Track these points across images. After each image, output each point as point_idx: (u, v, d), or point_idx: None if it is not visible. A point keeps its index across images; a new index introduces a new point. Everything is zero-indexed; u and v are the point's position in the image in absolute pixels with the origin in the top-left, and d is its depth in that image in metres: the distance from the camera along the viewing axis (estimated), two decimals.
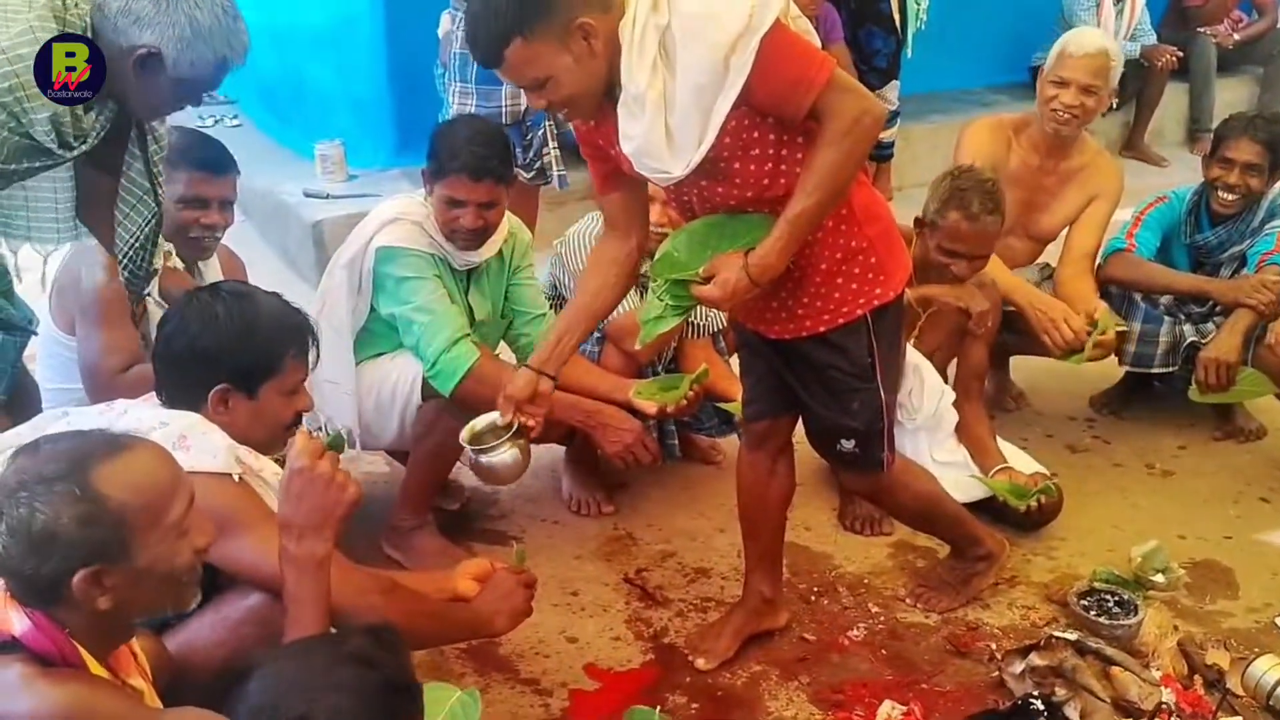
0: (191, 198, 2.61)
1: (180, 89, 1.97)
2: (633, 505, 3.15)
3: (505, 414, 2.21)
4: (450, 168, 2.59)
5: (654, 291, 2.10)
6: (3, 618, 1.45)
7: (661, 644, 2.60)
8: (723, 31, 1.83)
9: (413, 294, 2.64)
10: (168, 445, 1.77)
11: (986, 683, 2.43)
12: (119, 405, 1.93)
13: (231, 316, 1.93)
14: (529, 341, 2.92)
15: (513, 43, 1.85)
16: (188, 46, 1.88)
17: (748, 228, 2.02)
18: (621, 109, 1.91)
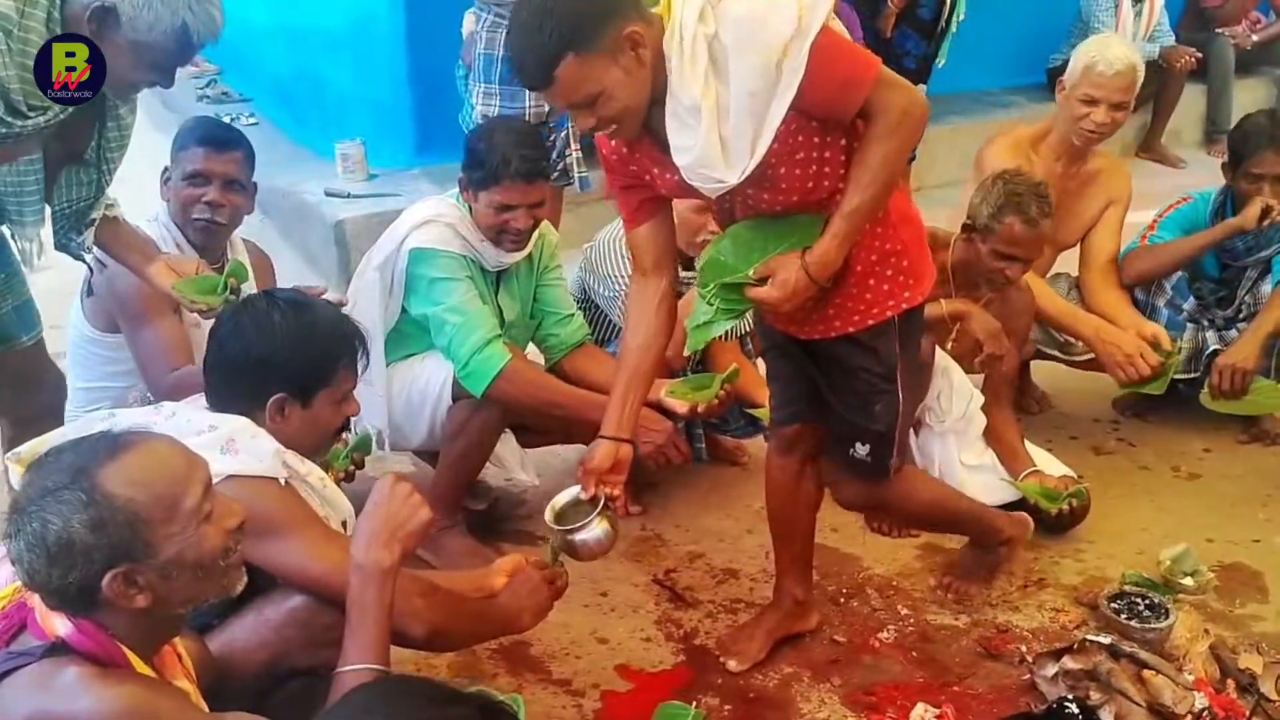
0: (193, 173, 2.61)
1: (140, 55, 1.92)
2: (660, 506, 3.16)
3: (587, 488, 2.14)
4: (503, 174, 2.61)
5: (703, 297, 2.07)
6: (45, 619, 1.45)
7: (692, 645, 2.61)
8: (774, 37, 1.82)
9: (445, 295, 2.65)
10: (215, 449, 1.79)
11: (1018, 685, 2.44)
12: (166, 408, 1.94)
13: (288, 325, 1.93)
14: (558, 342, 2.93)
15: (565, 61, 1.80)
16: (144, 6, 1.86)
17: (793, 228, 2.02)
18: (672, 121, 1.89)
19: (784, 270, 1.99)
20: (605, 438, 2.16)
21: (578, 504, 2.16)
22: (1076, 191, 3.35)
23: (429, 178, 5.07)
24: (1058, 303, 3.21)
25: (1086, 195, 3.35)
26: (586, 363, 2.91)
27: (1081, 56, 3.22)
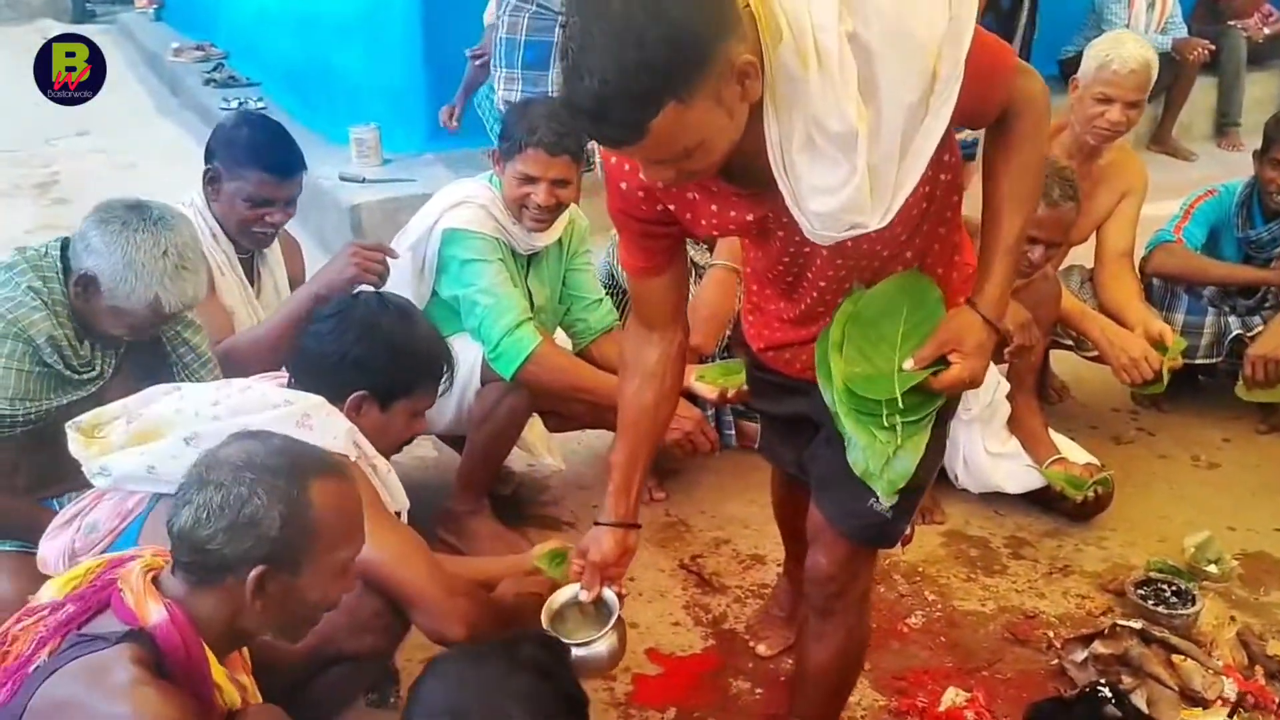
0: (260, 199, 2.62)
1: (119, 317, 2.08)
2: (684, 492, 3.17)
3: (591, 587, 1.88)
4: (527, 142, 2.60)
5: (864, 425, 1.67)
6: (140, 603, 1.46)
7: (721, 630, 2.62)
8: (926, 32, 1.45)
9: (477, 276, 2.65)
10: (290, 423, 1.82)
11: (1047, 670, 2.45)
12: (237, 382, 1.96)
13: (393, 332, 2.01)
14: (585, 327, 2.94)
15: (665, 110, 1.36)
16: (121, 280, 2.02)
17: (905, 293, 1.68)
18: (803, 156, 1.47)
19: (964, 335, 1.64)
20: (610, 525, 1.88)
21: (578, 605, 1.92)
22: (1090, 190, 3.34)
23: (443, 163, 5.07)
24: (1068, 298, 3.22)
25: (1100, 190, 3.33)
26: (614, 349, 2.88)
27: (1095, 55, 3.19)
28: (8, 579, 2.10)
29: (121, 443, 1.91)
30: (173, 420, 1.90)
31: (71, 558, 1.89)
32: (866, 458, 1.66)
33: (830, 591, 1.89)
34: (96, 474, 1.91)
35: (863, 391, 1.66)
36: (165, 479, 1.85)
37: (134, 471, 1.86)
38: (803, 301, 1.79)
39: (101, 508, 1.92)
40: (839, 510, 1.84)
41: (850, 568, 1.89)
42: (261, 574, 1.46)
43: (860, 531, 1.84)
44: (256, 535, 1.45)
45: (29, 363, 2.05)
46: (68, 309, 2.09)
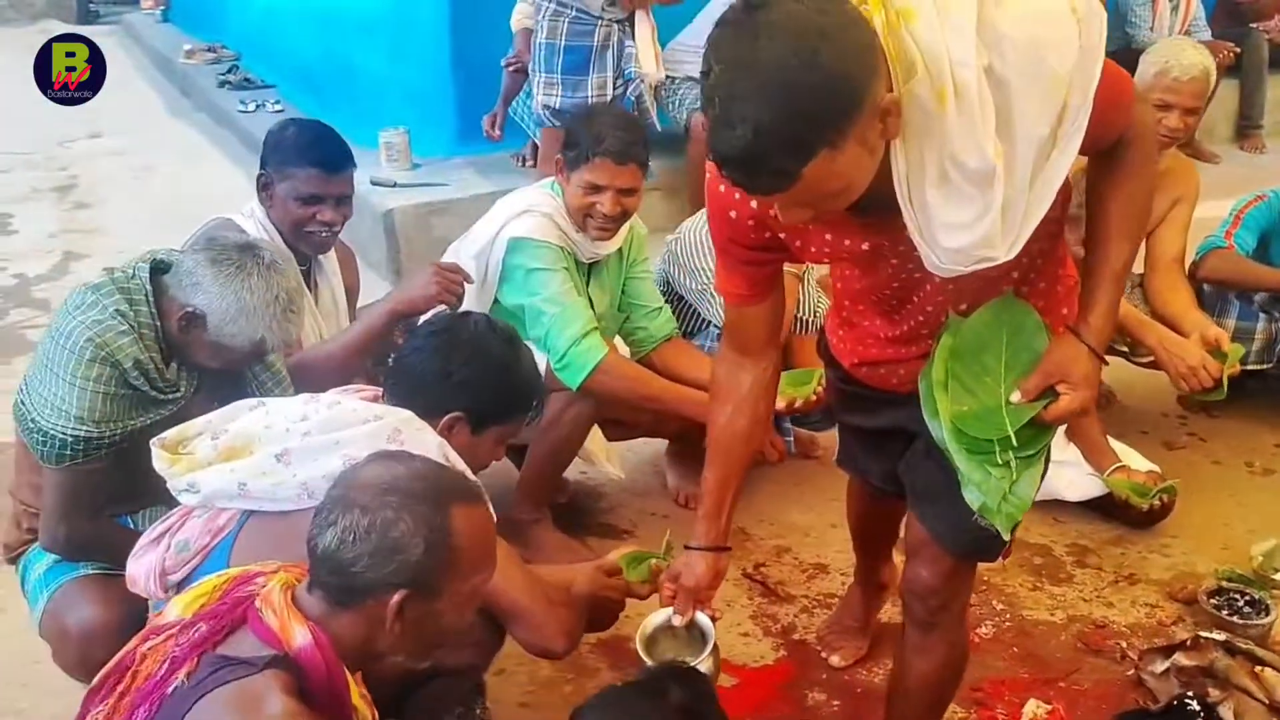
0: (308, 196, 2.59)
1: (218, 353, 2.09)
2: (744, 500, 3.04)
3: (684, 612, 1.89)
4: (594, 152, 2.58)
5: (978, 463, 1.64)
6: (285, 626, 1.43)
7: (791, 640, 2.60)
8: (1058, 63, 1.42)
9: (542, 285, 2.63)
10: (381, 439, 1.80)
11: (1124, 681, 2.44)
12: (325, 397, 1.92)
13: (501, 357, 1.99)
14: (646, 335, 2.92)
15: (817, 158, 1.33)
16: (230, 319, 2.03)
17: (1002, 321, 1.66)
18: (936, 192, 1.44)
19: (1071, 366, 1.62)
20: (703, 549, 1.89)
21: (670, 629, 1.91)
22: None
23: (474, 167, 5.05)
24: (1124, 305, 3.20)
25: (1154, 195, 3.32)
26: (675, 356, 2.90)
27: (1154, 61, 3.16)
28: (98, 606, 2.07)
29: (209, 459, 1.88)
30: (262, 436, 1.87)
31: (162, 576, 1.86)
32: (983, 494, 1.65)
33: (933, 605, 1.88)
34: (183, 490, 1.88)
35: (973, 431, 1.65)
36: (256, 496, 1.82)
37: (224, 489, 1.84)
38: (905, 323, 1.78)
39: (191, 525, 1.89)
40: (943, 524, 1.82)
41: (954, 581, 1.88)
42: (403, 599, 1.44)
43: (965, 545, 1.82)
44: (400, 560, 1.43)
45: (115, 386, 2.02)
46: (155, 332, 2.06)
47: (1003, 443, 1.63)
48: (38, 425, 2.03)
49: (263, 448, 1.85)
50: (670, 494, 3.16)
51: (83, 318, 2.04)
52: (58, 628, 2.11)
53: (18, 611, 2.55)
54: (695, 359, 2.89)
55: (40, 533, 2.12)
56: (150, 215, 5.43)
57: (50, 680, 2.41)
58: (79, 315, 2.05)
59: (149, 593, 1.88)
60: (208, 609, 1.48)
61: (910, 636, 1.93)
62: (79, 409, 2.01)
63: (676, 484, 3.15)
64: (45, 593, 2.13)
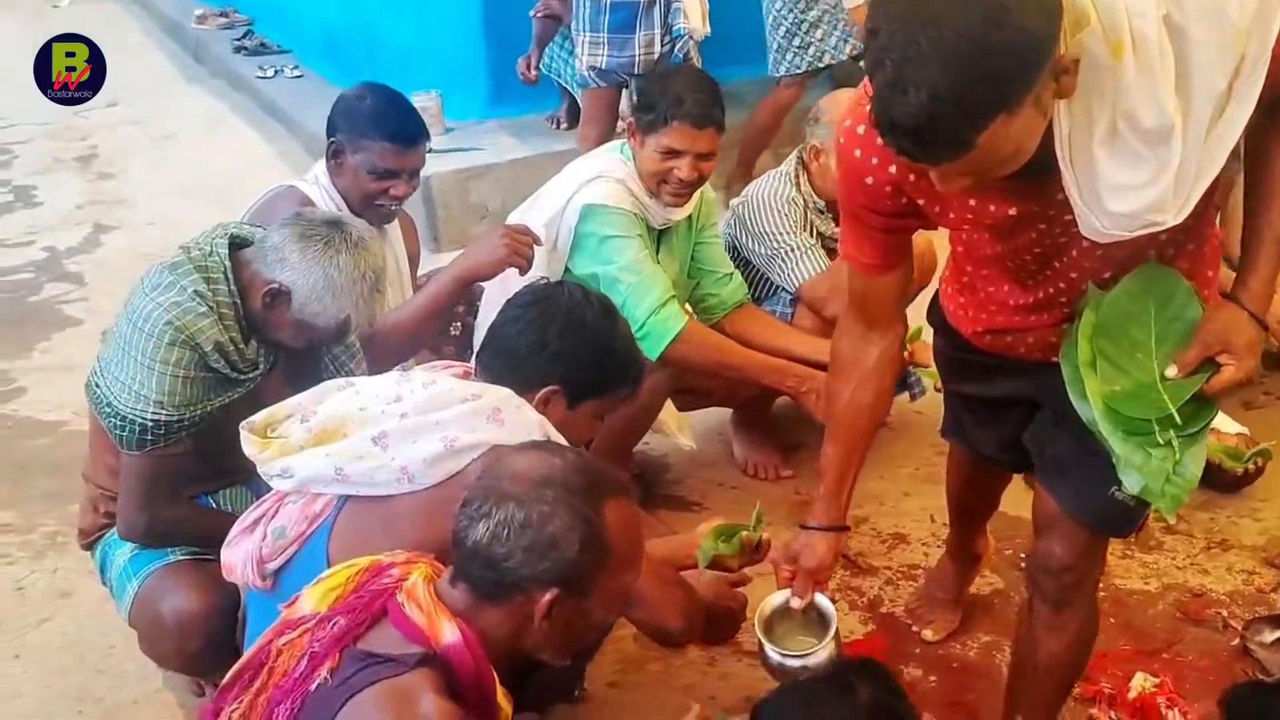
0: (383, 171, 2.51)
1: (300, 331, 2.02)
2: (811, 469, 3.02)
3: (804, 593, 1.84)
4: (673, 115, 2.49)
5: (1136, 445, 1.56)
6: (433, 622, 1.36)
7: (879, 613, 2.54)
8: (1240, 9, 1.33)
9: (618, 253, 2.54)
10: (481, 418, 1.73)
11: (1229, 652, 2.37)
12: (418, 376, 1.84)
13: (598, 329, 1.91)
14: (717, 302, 2.83)
15: (995, 124, 1.24)
16: (316, 297, 1.97)
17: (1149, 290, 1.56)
18: (1105, 149, 1.35)
19: (1232, 335, 1.53)
20: (822, 528, 1.83)
21: (787, 611, 1.87)
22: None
23: (508, 130, 4.94)
24: None
25: None
26: (747, 323, 2.81)
27: None
28: (192, 592, 2.00)
29: (302, 442, 1.80)
30: (356, 418, 1.79)
31: (259, 564, 1.79)
32: (1144, 477, 1.55)
33: (1067, 582, 1.81)
34: (276, 476, 1.80)
35: (1129, 411, 1.56)
36: (354, 480, 1.75)
37: (320, 473, 1.76)
38: (1041, 290, 1.68)
39: (287, 511, 1.81)
40: (1078, 498, 1.74)
41: (1088, 557, 1.80)
42: (554, 598, 1.37)
43: (1102, 520, 1.75)
44: (555, 557, 1.36)
45: (195, 369, 1.95)
46: (235, 311, 1.98)
47: (1163, 422, 1.54)
48: (115, 410, 1.96)
49: (358, 430, 1.78)
50: (737, 464, 3.09)
51: (161, 299, 1.96)
52: (151, 616, 2.04)
53: (88, 594, 2.50)
54: (768, 325, 2.81)
55: (119, 522, 2.05)
56: (175, 184, 5.34)
57: (126, 664, 2.37)
58: (156, 297, 1.97)
59: (246, 581, 1.82)
60: (344, 602, 1.41)
61: (1039, 614, 1.86)
62: (158, 393, 1.94)
63: (744, 453, 3.08)
64: (134, 580, 2.06)
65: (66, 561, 2.67)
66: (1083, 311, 1.63)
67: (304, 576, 1.75)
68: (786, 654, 1.82)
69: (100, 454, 2.12)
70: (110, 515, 2.14)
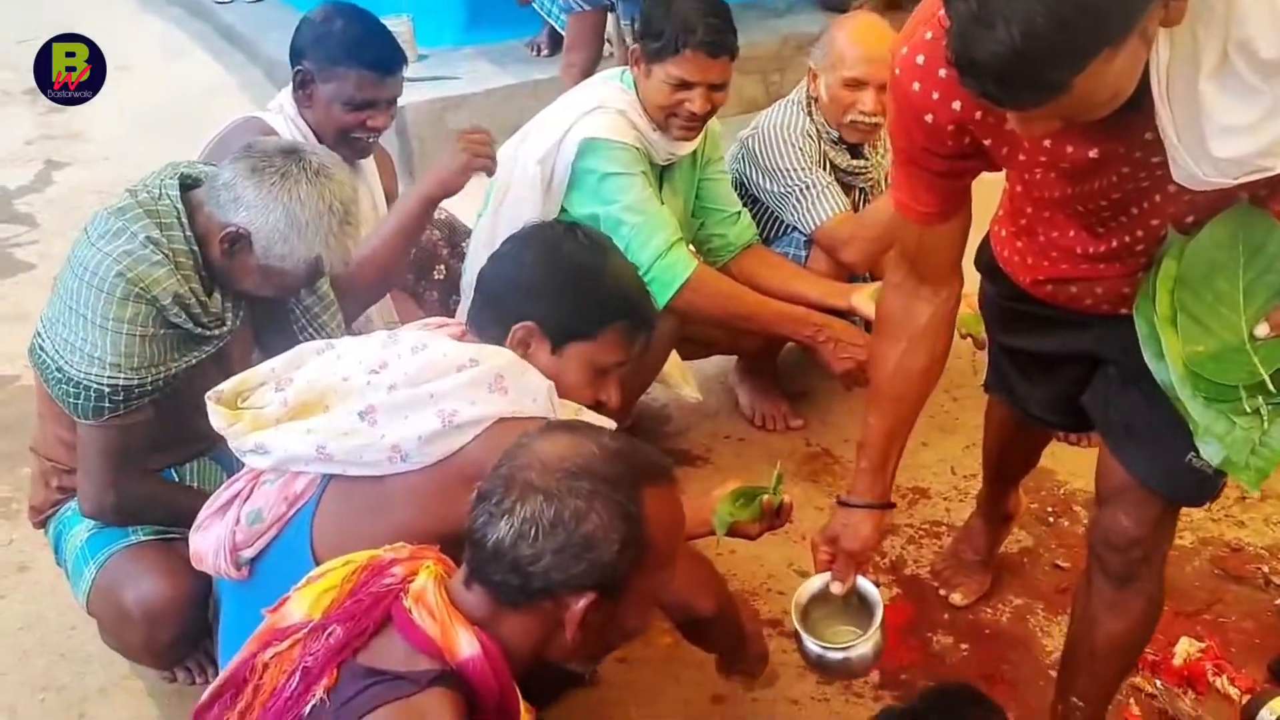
0: (360, 101, 2.29)
1: (269, 278, 1.83)
2: (820, 418, 2.90)
3: (845, 577, 1.69)
4: (684, 44, 2.25)
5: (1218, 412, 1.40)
6: (448, 633, 1.18)
7: (903, 575, 2.38)
8: None
9: (620, 192, 2.32)
10: (481, 388, 1.53)
11: (1273, 611, 2.24)
12: (406, 338, 1.63)
13: (575, 257, 1.71)
14: (724, 243, 2.62)
15: (1094, 61, 1.09)
16: (280, 238, 1.77)
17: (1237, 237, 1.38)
18: (1213, 86, 1.19)
19: None
20: (866, 506, 1.68)
21: (826, 597, 1.72)
22: None
23: (486, 57, 4.66)
24: None
25: None
26: (756, 265, 2.61)
27: None
28: (161, 579, 1.81)
29: (278, 415, 1.60)
30: (338, 389, 1.59)
31: (233, 551, 1.60)
32: (1225, 447, 1.39)
33: (1135, 557, 1.64)
34: (250, 452, 1.60)
35: (1214, 375, 1.39)
36: (339, 460, 1.56)
37: (301, 452, 1.56)
38: (1115, 238, 1.48)
39: (263, 492, 1.61)
40: (1152, 466, 1.57)
41: (1159, 530, 1.64)
42: (590, 603, 1.19)
43: (1177, 489, 1.59)
44: (591, 560, 1.18)
45: (154, 326, 1.73)
46: (193, 259, 1.77)
47: (1252, 388, 1.37)
48: (66, 376, 1.74)
49: (341, 403, 1.58)
50: (743, 414, 2.92)
51: (109, 249, 1.74)
52: (115, 606, 1.85)
53: (48, 569, 2.30)
54: (779, 268, 2.61)
55: (81, 501, 1.84)
56: (132, 117, 5.02)
57: (89, 647, 2.18)
58: (104, 246, 1.74)
59: (218, 571, 1.62)
60: (340, 607, 1.22)
61: (1101, 592, 1.69)
62: (114, 355, 1.72)
63: (750, 403, 2.90)
64: (92, 565, 1.86)
65: (21, 532, 2.45)
66: (1162, 260, 1.44)
67: (284, 565, 1.57)
68: (828, 647, 1.66)
69: (50, 425, 1.91)
70: (64, 490, 1.94)
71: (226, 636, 1.66)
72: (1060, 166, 1.38)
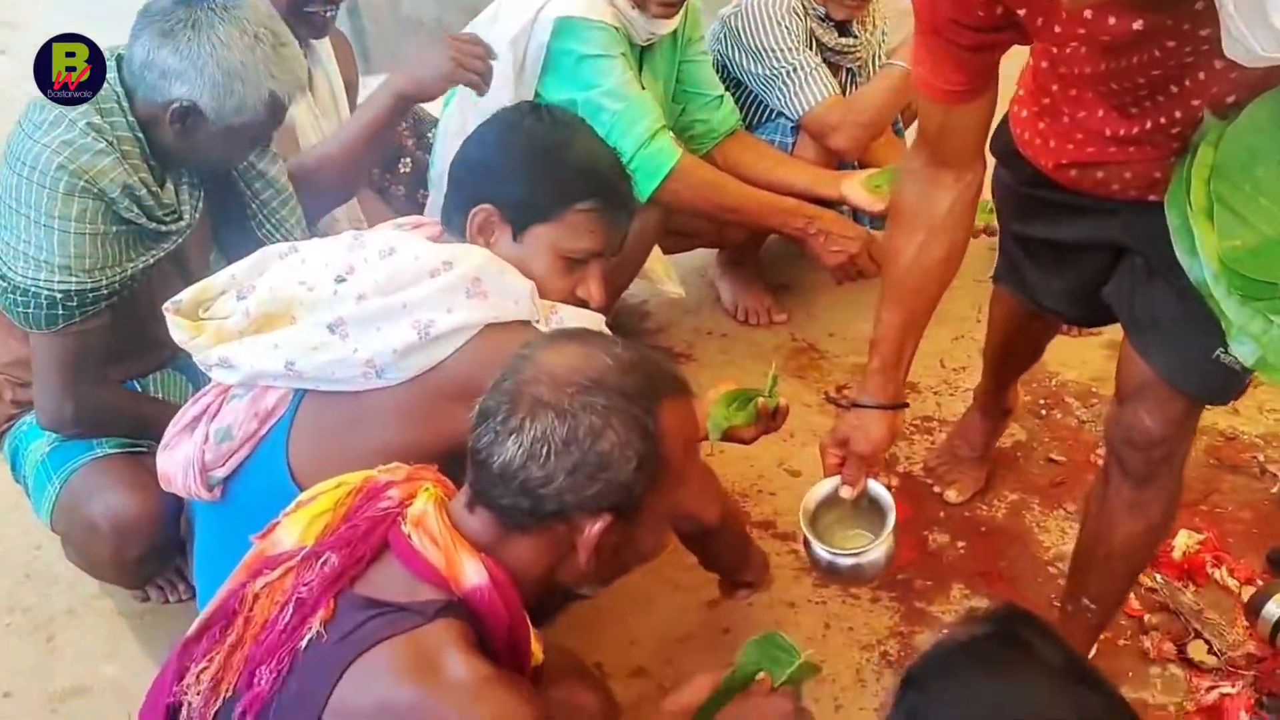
0: None
1: (234, 138, 1.69)
2: (804, 311, 2.82)
3: (855, 481, 1.61)
4: None
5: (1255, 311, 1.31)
6: (453, 561, 1.09)
7: (896, 472, 2.33)
8: None
9: (599, 75, 2.17)
10: (458, 293, 1.43)
11: (1270, 501, 2.22)
12: (374, 239, 1.51)
13: (534, 134, 1.57)
14: (707, 129, 2.49)
15: None
16: (226, 91, 1.62)
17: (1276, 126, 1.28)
18: None
19: None
20: (879, 406, 1.59)
21: (835, 501, 1.64)
22: None
23: None
24: None
25: None
26: (741, 153, 2.48)
27: None
28: (129, 492, 1.71)
29: (241, 327, 1.48)
30: (304, 299, 1.47)
31: (203, 472, 1.50)
32: (1262, 348, 1.32)
33: (1156, 456, 1.59)
34: (215, 366, 1.49)
35: (1252, 272, 1.30)
36: (309, 376, 1.45)
37: (269, 368, 1.45)
38: (1149, 119, 1.38)
39: (232, 408, 1.50)
40: (1177, 363, 1.50)
41: (1183, 429, 1.58)
42: (607, 525, 1.10)
43: (1204, 388, 1.53)
44: (607, 479, 1.09)
45: (104, 222, 1.59)
46: (139, 146, 1.62)
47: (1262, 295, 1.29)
48: (12, 284, 1.61)
49: (308, 314, 1.46)
50: (725, 308, 2.83)
51: (46, 139, 1.59)
52: (80, 521, 1.75)
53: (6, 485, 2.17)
54: (765, 155, 2.48)
55: (40, 415, 1.73)
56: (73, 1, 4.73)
57: (56, 567, 2.09)
58: (41, 137, 1.60)
59: (188, 492, 1.52)
60: (334, 533, 1.13)
61: (1120, 492, 1.64)
62: (63, 257, 1.59)
63: (732, 297, 2.81)
64: (55, 480, 1.75)
65: None
66: (1197, 147, 1.34)
67: (260, 485, 1.48)
68: (839, 553, 1.59)
69: (1, 335, 1.78)
70: (19, 404, 1.82)
71: (202, 560, 1.57)
72: (1100, 40, 1.26)
